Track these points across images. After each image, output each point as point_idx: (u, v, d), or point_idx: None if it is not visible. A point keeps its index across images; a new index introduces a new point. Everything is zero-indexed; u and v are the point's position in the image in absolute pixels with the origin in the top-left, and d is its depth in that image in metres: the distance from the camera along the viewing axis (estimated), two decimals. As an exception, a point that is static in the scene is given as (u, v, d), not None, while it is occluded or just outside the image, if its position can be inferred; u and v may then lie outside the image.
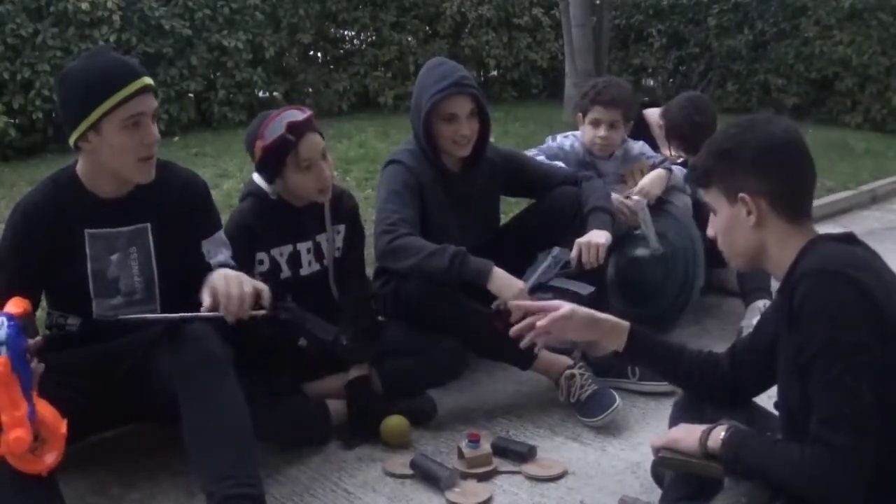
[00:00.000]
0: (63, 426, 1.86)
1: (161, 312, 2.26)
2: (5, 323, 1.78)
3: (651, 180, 3.39)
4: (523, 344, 2.07)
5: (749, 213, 1.69)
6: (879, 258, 1.69)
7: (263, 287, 2.15)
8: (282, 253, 2.62)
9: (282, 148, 2.49)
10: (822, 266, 1.58)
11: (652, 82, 11.16)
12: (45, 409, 1.84)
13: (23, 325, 1.85)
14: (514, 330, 2.07)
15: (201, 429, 2.02)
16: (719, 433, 1.70)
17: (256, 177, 2.64)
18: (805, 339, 1.57)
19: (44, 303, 2.31)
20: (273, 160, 2.52)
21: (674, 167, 3.52)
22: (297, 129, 2.49)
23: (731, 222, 1.73)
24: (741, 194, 1.69)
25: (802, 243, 1.67)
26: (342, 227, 2.75)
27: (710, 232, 1.82)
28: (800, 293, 1.57)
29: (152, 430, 2.51)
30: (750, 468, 1.65)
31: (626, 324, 2.02)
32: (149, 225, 2.25)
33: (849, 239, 1.70)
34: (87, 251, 2.20)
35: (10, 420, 1.74)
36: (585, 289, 2.64)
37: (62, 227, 2.18)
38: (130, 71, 2.12)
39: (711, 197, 1.76)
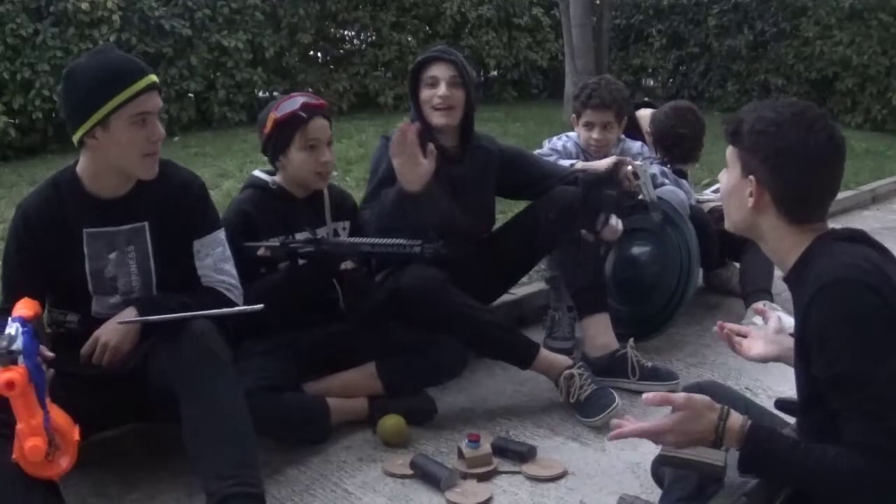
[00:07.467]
0: (76, 432, 1.84)
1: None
2: (20, 329, 1.75)
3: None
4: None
5: (751, 195, 1.67)
6: (891, 257, 1.65)
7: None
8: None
9: (293, 123, 2.58)
10: (843, 275, 1.55)
11: (652, 82, 11.17)
12: (58, 415, 1.82)
13: (35, 330, 1.83)
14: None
15: (201, 427, 2.02)
16: (737, 422, 1.61)
17: (257, 171, 2.73)
18: (833, 356, 1.53)
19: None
20: (282, 134, 2.60)
21: (666, 169, 3.52)
22: (310, 109, 2.59)
23: (734, 191, 1.72)
24: (751, 176, 1.66)
25: (807, 240, 1.65)
26: (347, 224, 2.79)
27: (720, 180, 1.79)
28: (820, 312, 1.54)
29: (152, 430, 2.51)
30: (779, 470, 1.59)
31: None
32: (146, 224, 2.25)
33: (859, 238, 1.67)
34: (85, 250, 2.20)
35: (27, 428, 1.73)
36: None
37: (61, 227, 2.18)
38: (139, 68, 2.15)
39: (731, 153, 1.72)
